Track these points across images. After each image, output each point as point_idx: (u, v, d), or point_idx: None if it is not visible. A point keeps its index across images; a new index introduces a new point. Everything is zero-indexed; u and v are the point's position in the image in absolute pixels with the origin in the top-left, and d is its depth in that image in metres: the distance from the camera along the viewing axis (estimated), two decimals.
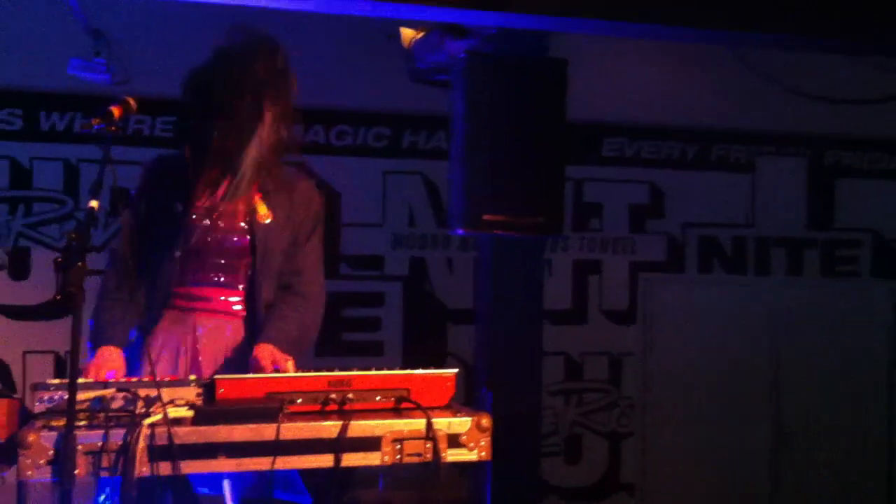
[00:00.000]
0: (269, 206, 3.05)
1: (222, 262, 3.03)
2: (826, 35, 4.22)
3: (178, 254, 2.96)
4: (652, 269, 5.82)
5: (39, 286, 5.01)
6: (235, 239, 3.02)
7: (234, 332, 3.06)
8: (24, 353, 5.00)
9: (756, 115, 5.80)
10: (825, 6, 4.10)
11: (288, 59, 3.03)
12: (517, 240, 4.35)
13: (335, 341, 5.36)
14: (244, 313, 3.06)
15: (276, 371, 2.80)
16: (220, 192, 3.01)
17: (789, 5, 4.07)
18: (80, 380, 2.46)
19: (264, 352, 2.90)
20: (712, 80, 5.67)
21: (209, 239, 2.99)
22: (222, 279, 3.04)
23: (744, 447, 5.85)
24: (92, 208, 2.49)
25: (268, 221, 3.04)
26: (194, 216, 2.98)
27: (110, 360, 2.85)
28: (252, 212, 3.03)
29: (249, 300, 3.05)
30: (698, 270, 5.89)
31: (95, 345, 2.89)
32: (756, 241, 5.96)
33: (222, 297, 3.05)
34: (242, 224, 3.03)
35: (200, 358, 2.99)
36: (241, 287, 3.05)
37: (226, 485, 2.85)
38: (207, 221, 2.99)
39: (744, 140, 5.90)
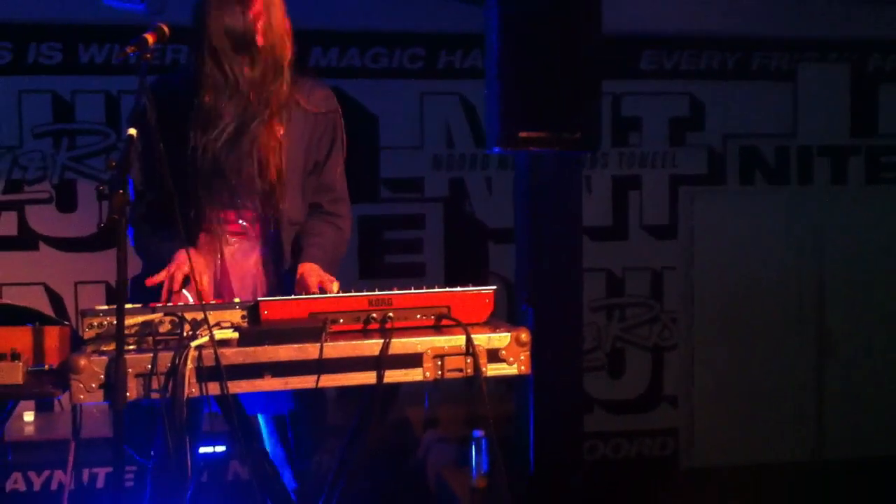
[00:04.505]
0: (282, 121, 3.01)
1: (237, 185, 2.99)
2: None
3: (192, 179, 2.93)
4: (692, 183, 5.75)
5: (87, 217, 5.09)
6: (249, 161, 2.97)
7: (257, 254, 3.09)
8: (76, 283, 5.11)
9: (797, 20, 5.64)
10: None
11: None
12: (555, 156, 4.32)
13: (378, 263, 5.42)
14: (262, 234, 3.08)
15: (321, 291, 2.85)
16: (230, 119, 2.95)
17: None
18: (128, 305, 2.52)
19: (311, 272, 2.93)
20: None
21: (222, 164, 2.95)
22: (239, 202, 3.04)
23: (787, 358, 5.84)
24: (131, 136, 2.52)
25: (280, 137, 3.00)
26: (206, 141, 2.92)
27: (194, 259, 2.79)
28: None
29: (268, 221, 3.06)
30: (740, 182, 5.80)
31: (162, 258, 2.85)
32: (799, 151, 5.86)
33: (241, 221, 3.06)
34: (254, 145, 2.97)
35: (229, 279, 3.04)
36: (259, 208, 3.05)
37: None
38: (220, 145, 2.93)
39: (785, 47, 5.75)
